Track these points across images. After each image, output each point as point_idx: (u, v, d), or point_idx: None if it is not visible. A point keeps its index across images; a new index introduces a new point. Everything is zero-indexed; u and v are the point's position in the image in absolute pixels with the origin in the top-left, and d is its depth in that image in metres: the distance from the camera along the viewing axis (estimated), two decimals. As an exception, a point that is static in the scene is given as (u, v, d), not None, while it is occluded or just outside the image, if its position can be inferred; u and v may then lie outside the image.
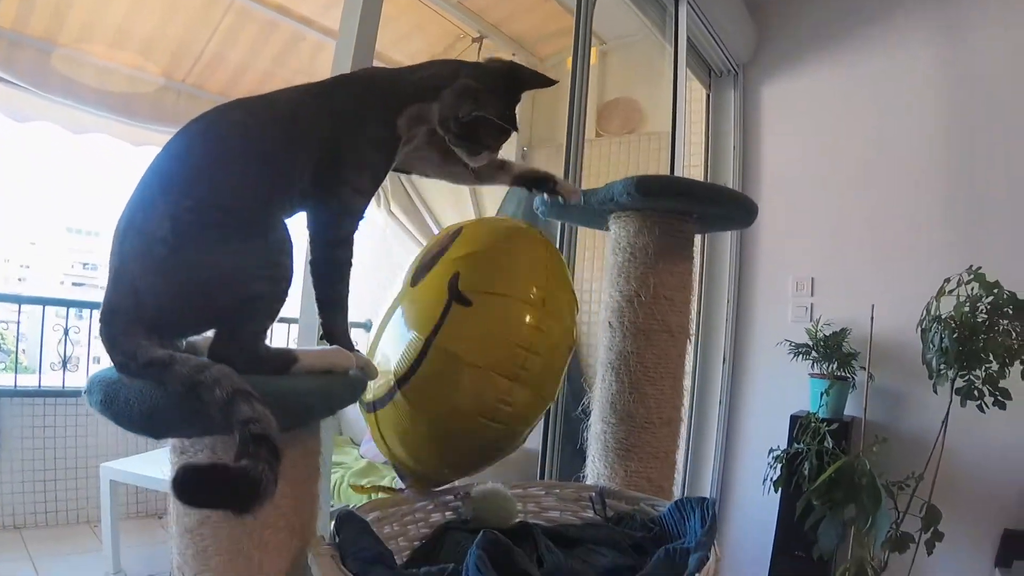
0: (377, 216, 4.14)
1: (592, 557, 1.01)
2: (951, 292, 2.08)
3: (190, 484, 0.67)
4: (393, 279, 1.24)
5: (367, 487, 1.23)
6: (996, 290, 1.99)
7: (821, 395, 2.53)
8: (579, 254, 2.28)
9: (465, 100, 0.97)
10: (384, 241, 4.19)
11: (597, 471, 1.43)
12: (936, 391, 2.09)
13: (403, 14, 3.39)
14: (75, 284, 18.87)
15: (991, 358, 1.98)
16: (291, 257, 0.87)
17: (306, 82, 0.99)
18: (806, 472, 2.30)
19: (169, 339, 0.81)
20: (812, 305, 2.85)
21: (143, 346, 0.76)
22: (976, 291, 2.03)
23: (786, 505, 2.45)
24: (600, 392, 1.45)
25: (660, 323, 1.39)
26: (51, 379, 3.45)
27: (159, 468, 2.61)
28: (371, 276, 3.74)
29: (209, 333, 0.84)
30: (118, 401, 0.75)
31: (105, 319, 0.79)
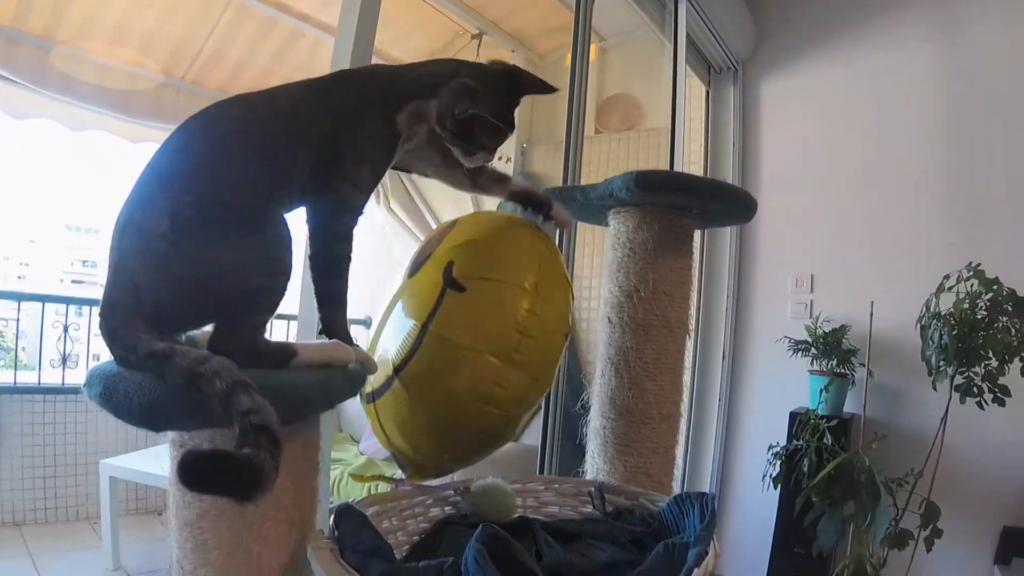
0: (377, 213, 4.14)
1: (591, 552, 1.01)
2: (951, 289, 2.08)
3: (194, 469, 0.68)
4: (393, 276, 1.24)
5: (367, 476, 1.23)
6: (996, 287, 1.99)
7: (820, 392, 2.53)
8: (578, 250, 2.28)
9: (462, 98, 0.98)
10: (384, 238, 4.19)
11: (596, 466, 1.44)
12: (935, 388, 2.08)
13: (402, 11, 3.39)
14: (75, 281, 18.88)
15: (990, 355, 1.98)
16: (290, 252, 0.87)
17: (305, 79, 0.99)
18: (805, 469, 2.30)
19: (169, 333, 0.81)
20: (812, 302, 2.86)
21: (143, 339, 0.76)
22: (976, 288, 2.02)
23: (785, 502, 2.45)
24: (599, 387, 1.45)
25: (659, 318, 1.39)
26: (51, 376, 3.45)
27: (159, 465, 2.61)
28: (371, 273, 3.74)
29: (208, 328, 0.85)
30: (117, 394, 0.75)
31: (105, 313, 0.79)
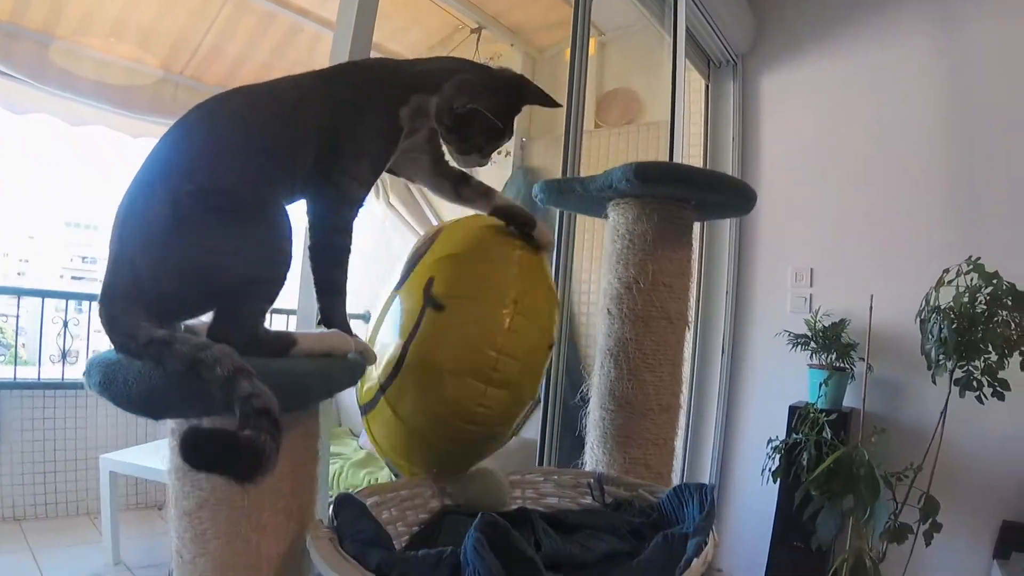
0: (376, 208, 4.14)
1: (590, 542, 1.01)
2: (950, 282, 2.08)
3: (196, 446, 0.68)
4: (392, 271, 1.24)
5: None
6: (995, 280, 1.98)
7: (820, 386, 2.53)
8: (578, 242, 2.28)
9: (463, 92, 0.98)
10: (383, 233, 4.19)
11: (596, 458, 1.44)
12: (935, 382, 2.08)
13: (401, 5, 3.39)
14: (74, 278, 18.89)
15: (990, 349, 1.97)
16: (291, 242, 0.87)
17: (308, 71, 0.99)
18: (804, 462, 2.29)
19: (168, 321, 0.81)
20: (811, 296, 2.85)
21: (143, 327, 0.76)
22: (975, 282, 2.02)
23: (784, 495, 2.45)
24: (599, 379, 1.45)
25: (659, 310, 1.39)
26: (50, 372, 3.45)
27: (159, 459, 2.60)
28: (370, 267, 3.74)
29: (206, 318, 0.85)
30: (117, 382, 0.75)
31: (105, 301, 0.79)
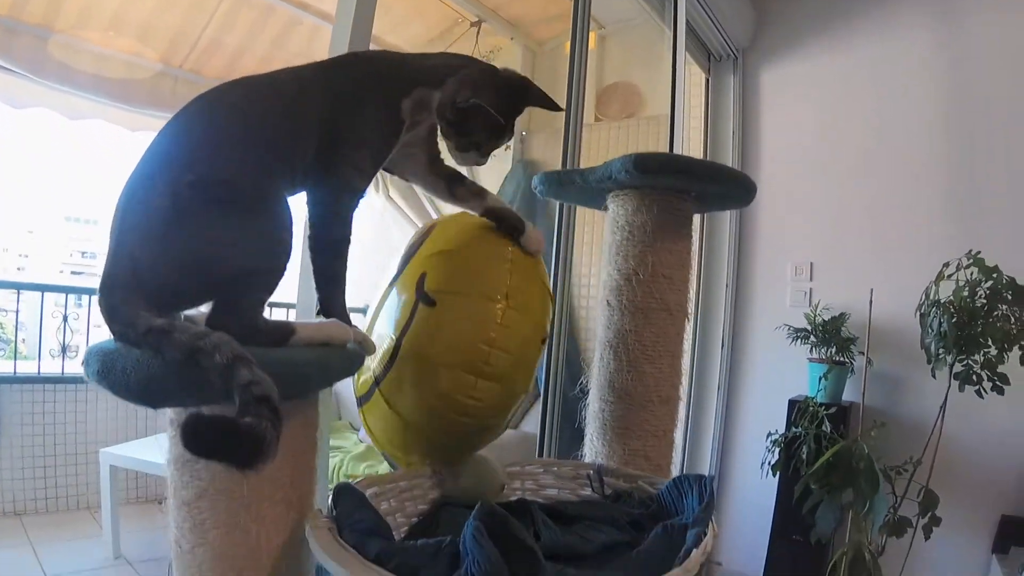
0: (376, 201, 4.14)
1: (590, 533, 1.01)
2: (950, 276, 2.07)
3: (197, 432, 0.68)
4: (391, 263, 1.24)
5: None
6: (995, 275, 1.98)
7: (819, 379, 2.53)
8: (577, 235, 2.28)
9: (466, 87, 0.98)
10: (383, 226, 4.18)
11: (595, 450, 1.44)
12: (935, 376, 2.08)
13: (401, -2, 3.38)
14: (74, 273, 18.91)
15: (990, 343, 1.97)
16: (291, 233, 0.87)
17: (310, 62, 0.99)
18: (804, 456, 2.29)
19: (167, 311, 0.81)
20: (811, 290, 2.85)
21: (142, 316, 0.76)
22: (975, 276, 2.01)
23: (784, 489, 2.45)
24: (598, 371, 1.45)
25: (658, 301, 1.39)
26: (50, 366, 3.44)
27: (159, 453, 2.61)
28: (370, 259, 3.74)
29: (205, 308, 0.84)
30: (115, 371, 0.75)
31: (104, 290, 0.79)
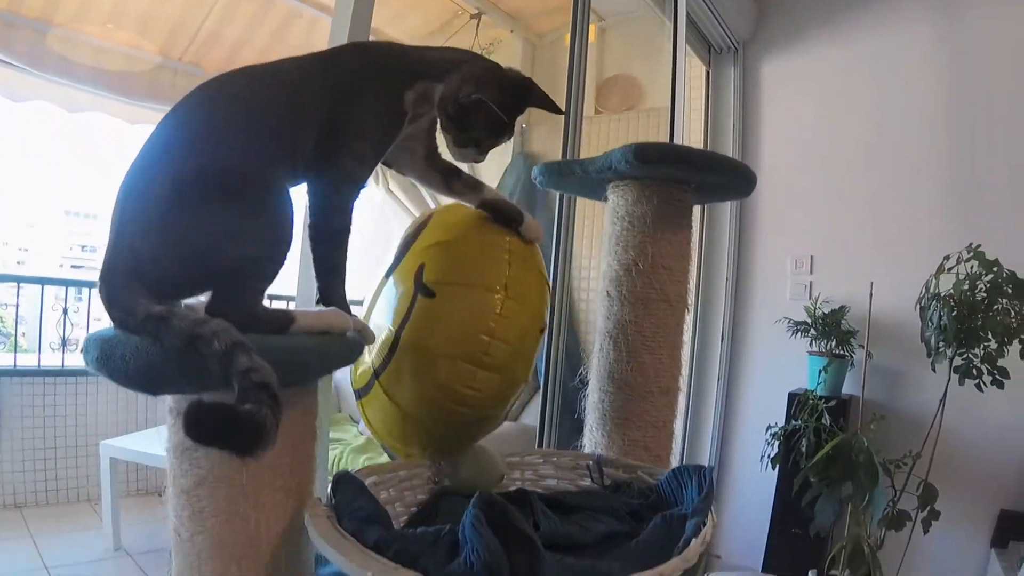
0: (376, 193, 4.14)
1: (589, 523, 1.01)
2: (950, 270, 2.07)
3: (198, 419, 0.68)
4: (390, 257, 1.24)
5: None
6: (996, 268, 1.98)
7: (819, 373, 2.53)
8: (577, 226, 2.28)
9: (469, 83, 0.98)
10: (383, 218, 4.18)
11: (595, 440, 1.43)
12: (934, 369, 2.08)
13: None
14: (74, 266, 18.91)
15: (990, 336, 1.97)
16: (291, 223, 0.87)
17: (312, 52, 0.98)
18: (803, 449, 2.30)
19: (167, 299, 0.81)
20: (811, 283, 2.85)
21: (142, 303, 0.76)
22: (976, 269, 2.01)
23: (783, 482, 2.46)
24: (598, 361, 1.45)
25: (658, 292, 1.38)
26: (50, 359, 3.45)
27: (159, 445, 2.61)
28: (370, 251, 3.74)
29: (204, 298, 0.84)
30: (114, 358, 0.75)
31: (104, 278, 0.79)
